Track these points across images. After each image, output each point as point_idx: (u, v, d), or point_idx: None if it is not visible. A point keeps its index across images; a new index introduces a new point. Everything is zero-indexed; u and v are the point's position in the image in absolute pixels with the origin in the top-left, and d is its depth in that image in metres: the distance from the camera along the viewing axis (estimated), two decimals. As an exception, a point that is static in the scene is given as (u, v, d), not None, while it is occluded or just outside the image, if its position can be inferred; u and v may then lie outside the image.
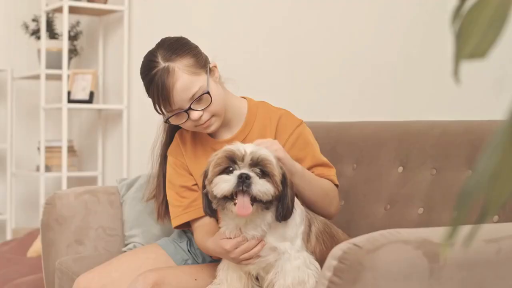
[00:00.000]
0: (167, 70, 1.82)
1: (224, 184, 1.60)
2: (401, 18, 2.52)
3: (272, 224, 1.69)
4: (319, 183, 1.87)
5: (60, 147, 4.23)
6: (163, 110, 1.87)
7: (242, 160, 1.61)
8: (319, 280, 1.30)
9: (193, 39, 1.99)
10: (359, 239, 1.30)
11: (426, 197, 2.01)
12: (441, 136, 2.04)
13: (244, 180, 1.58)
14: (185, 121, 1.87)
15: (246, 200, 1.59)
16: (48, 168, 4.18)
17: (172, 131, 2.04)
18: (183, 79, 1.82)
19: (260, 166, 1.61)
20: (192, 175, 1.96)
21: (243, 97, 2.05)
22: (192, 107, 1.84)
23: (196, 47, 1.93)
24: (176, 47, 1.87)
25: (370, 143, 2.24)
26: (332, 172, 1.93)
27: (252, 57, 3.22)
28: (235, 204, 1.60)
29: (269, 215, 1.67)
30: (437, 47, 2.40)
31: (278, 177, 1.62)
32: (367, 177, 2.19)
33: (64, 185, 3.97)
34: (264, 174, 1.61)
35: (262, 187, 1.58)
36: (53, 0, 4.27)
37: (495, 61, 2.16)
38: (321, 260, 1.75)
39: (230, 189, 1.59)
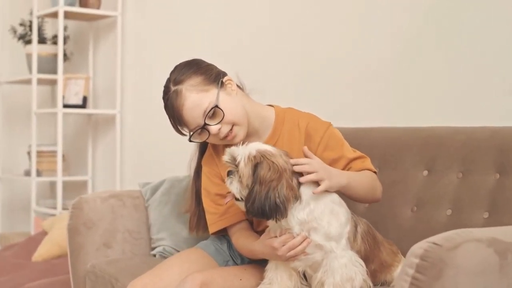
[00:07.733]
0: (175, 93, 1.93)
1: None
2: (413, 23, 2.60)
3: (314, 221, 1.77)
4: (364, 181, 1.94)
5: (48, 152, 4.24)
6: (182, 131, 1.96)
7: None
8: (400, 277, 1.38)
9: (187, 46, 2.00)
10: (436, 238, 1.38)
11: (454, 199, 2.08)
12: (466, 141, 2.11)
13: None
14: (209, 137, 1.95)
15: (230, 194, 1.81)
16: (38, 173, 4.17)
17: (205, 142, 2.09)
18: (192, 98, 1.91)
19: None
20: None
21: (270, 105, 2.12)
22: (206, 122, 1.91)
23: (208, 65, 2.00)
24: (185, 70, 1.95)
25: (392, 148, 2.30)
26: (367, 162, 2.01)
27: (251, 63, 3.25)
28: None
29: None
30: (448, 52, 2.48)
31: (245, 178, 1.72)
32: (392, 180, 2.25)
33: (59, 190, 3.97)
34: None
35: (230, 185, 1.76)
36: (43, 5, 4.26)
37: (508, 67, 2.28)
38: (364, 259, 1.84)
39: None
